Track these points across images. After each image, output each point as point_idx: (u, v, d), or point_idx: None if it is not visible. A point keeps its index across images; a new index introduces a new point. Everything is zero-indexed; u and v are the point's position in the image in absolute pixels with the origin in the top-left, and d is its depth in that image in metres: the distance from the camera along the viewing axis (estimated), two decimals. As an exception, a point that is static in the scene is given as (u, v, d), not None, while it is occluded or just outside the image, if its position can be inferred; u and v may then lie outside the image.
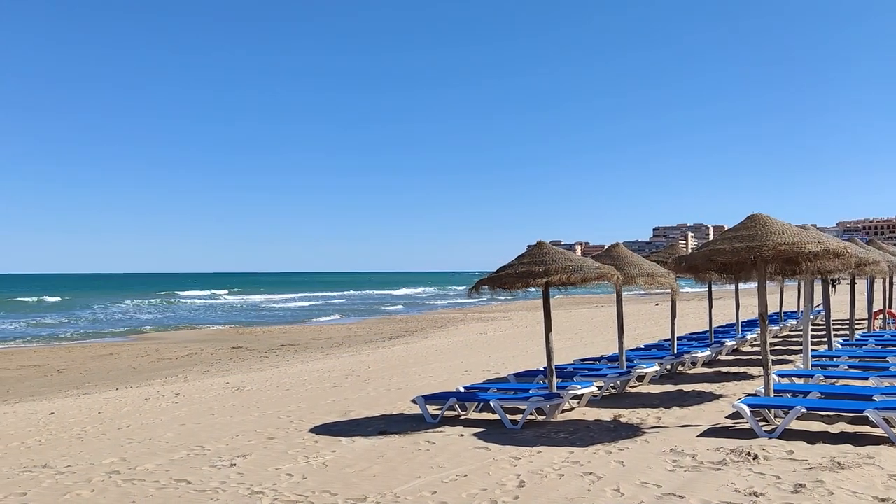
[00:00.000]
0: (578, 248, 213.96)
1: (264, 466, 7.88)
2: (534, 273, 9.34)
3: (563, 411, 10.23)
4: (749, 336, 17.59)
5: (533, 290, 9.95)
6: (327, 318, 46.46)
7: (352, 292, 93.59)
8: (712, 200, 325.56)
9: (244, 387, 15.21)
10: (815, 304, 23.87)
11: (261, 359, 22.99)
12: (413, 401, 10.49)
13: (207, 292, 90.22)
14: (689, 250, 14.70)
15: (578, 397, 10.63)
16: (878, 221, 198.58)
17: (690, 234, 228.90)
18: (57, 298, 72.30)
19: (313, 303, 68.13)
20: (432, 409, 10.43)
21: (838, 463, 6.86)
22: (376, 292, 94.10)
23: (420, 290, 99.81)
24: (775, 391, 9.43)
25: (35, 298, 71.44)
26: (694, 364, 14.50)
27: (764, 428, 8.35)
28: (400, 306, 61.32)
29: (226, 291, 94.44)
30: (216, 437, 9.66)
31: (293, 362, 21.05)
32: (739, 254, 8.69)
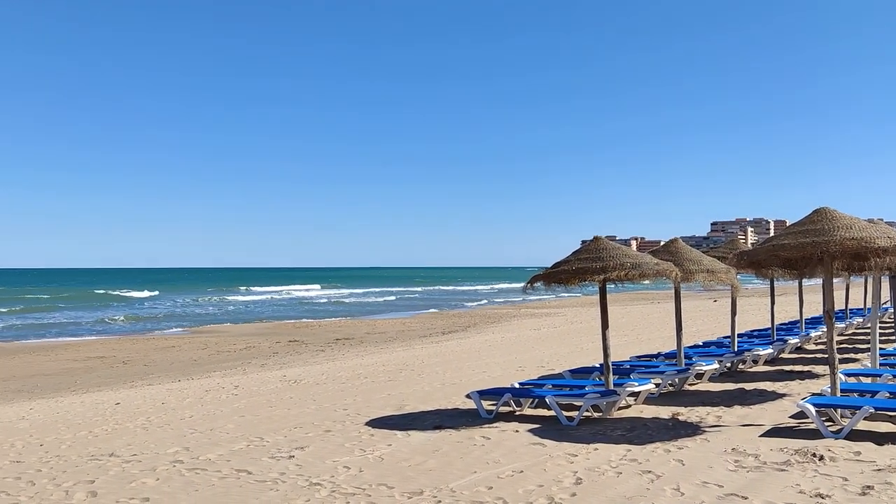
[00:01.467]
0: (634, 242, 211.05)
1: (322, 458, 7.99)
2: (591, 270, 9.24)
3: (620, 409, 10.11)
4: (813, 334, 17.08)
5: (588, 285, 9.85)
6: (383, 313, 46.85)
7: (427, 288, 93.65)
8: (773, 194, 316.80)
9: (301, 380, 15.45)
10: (883, 300, 23.03)
11: (316, 352, 23.32)
12: (468, 396, 10.50)
13: (281, 287, 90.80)
14: (750, 245, 14.34)
15: (636, 395, 10.49)
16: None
17: (750, 229, 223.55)
18: (153, 292, 74.21)
19: (384, 298, 68.62)
20: (487, 405, 10.43)
21: (910, 466, 6.62)
22: (443, 288, 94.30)
23: (478, 286, 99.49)
24: (842, 390, 9.14)
25: (125, 292, 73.63)
26: (755, 362, 14.16)
27: (830, 428, 8.11)
28: (453, 301, 61.41)
29: (318, 286, 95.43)
30: (275, 429, 9.84)
31: (348, 356, 21.28)
32: (805, 249, 8.44)
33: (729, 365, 13.39)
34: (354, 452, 8.23)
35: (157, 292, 75.24)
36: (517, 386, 10.98)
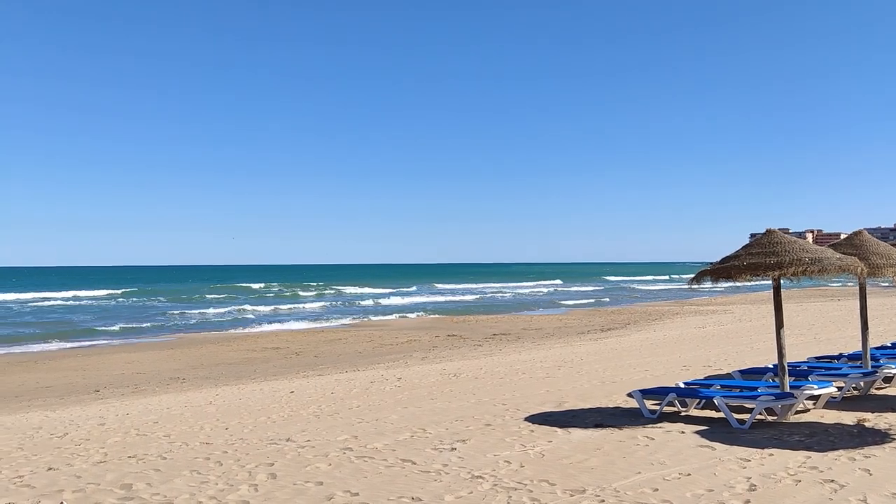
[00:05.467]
0: (809, 235, 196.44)
1: (483, 452, 8.10)
2: (764, 265, 8.71)
3: (797, 413, 9.47)
4: None
5: (756, 282, 9.32)
6: (540, 309, 46.74)
7: (584, 287, 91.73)
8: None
9: (460, 373, 15.73)
10: None
11: (474, 347, 23.64)
12: (629, 395, 10.25)
13: (461, 286, 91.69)
14: (949, 237, 12.92)
15: (815, 398, 9.79)
16: None
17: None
18: (321, 290, 78.26)
19: (542, 295, 68.68)
20: (650, 404, 10.14)
21: None
22: (600, 285, 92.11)
23: (637, 283, 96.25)
24: None
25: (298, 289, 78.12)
26: (955, 366, 12.77)
27: None
28: (613, 297, 60.14)
29: (484, 285, 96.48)
30: (436, 421, 10.08)
31: (506, 351, 21.42)
32: None
33: (924, 369, 12.17)
34: (515, 447, 8.27)
35: (327, 289, 79.02)
36: (682, 385, 10.59)
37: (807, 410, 9.66)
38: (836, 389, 9.91)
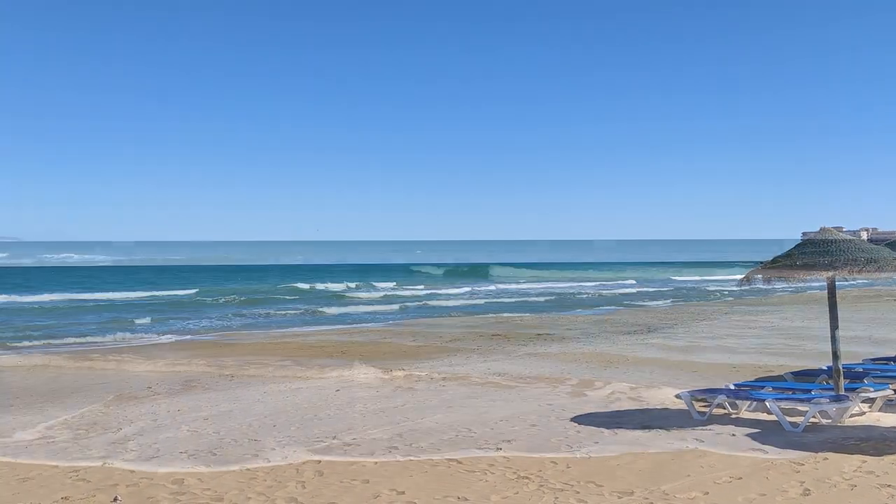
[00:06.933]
0: (864, 234, 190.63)
1: (528, 452, 8.07)
2: (818, 264, 8.51)
3: (852, 416, 9.23)
4: None
5: (809, 281, 9.11)
6: (584, 308, 46.30)
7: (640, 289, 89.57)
8: None
9: (505, 373, 15.69)
10: None
11: (519, 346, 23.52)
12: (678, 396, 10.11)
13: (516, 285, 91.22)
14: None
15: (870, 401, 9.54)
16: None
17: None
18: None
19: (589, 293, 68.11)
20: (699, 406, 9.98)
21: None
22: (647, 288, 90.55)
23: (695, 282, 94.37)
24: None
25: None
26: None
27: None
28: (662, 295, 59.23)
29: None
30: (482, 421, 10.07)
31: (551, 351, 21.27)
32: None
33: None
34: (561, 448, 8.22)
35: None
36: (733, 387, 10.40)
37: (862, 413, 9.42)
38: (892, 392, 9.64)
